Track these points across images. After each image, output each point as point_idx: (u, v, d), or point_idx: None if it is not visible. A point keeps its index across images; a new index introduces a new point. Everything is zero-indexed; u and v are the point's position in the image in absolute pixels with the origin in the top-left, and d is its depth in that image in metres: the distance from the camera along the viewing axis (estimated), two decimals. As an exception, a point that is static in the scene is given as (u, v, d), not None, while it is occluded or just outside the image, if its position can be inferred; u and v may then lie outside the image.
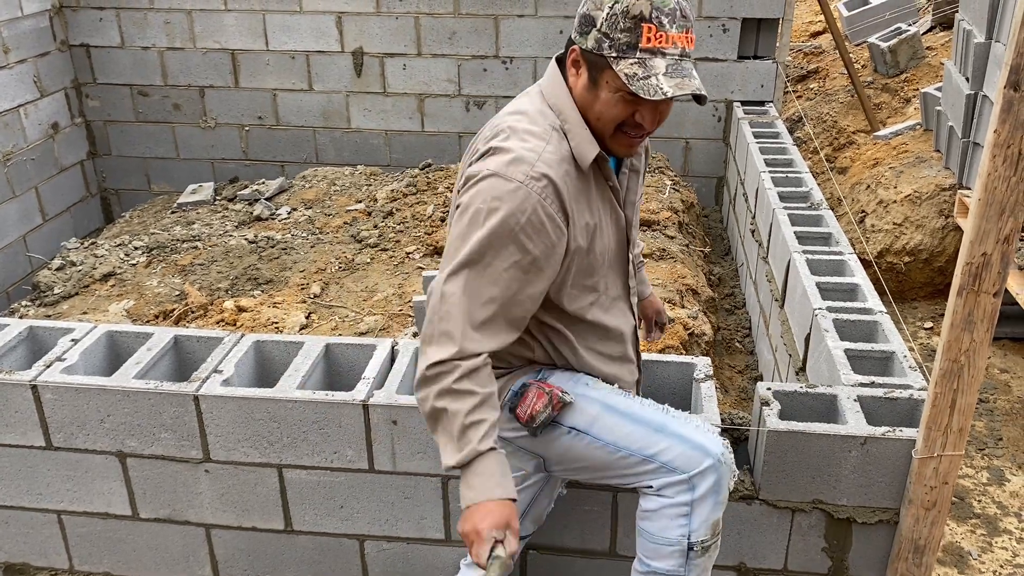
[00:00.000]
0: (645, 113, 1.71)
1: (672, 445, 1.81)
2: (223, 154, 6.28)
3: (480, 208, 1.67)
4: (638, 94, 1.63)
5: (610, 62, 1.66)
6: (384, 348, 2.57)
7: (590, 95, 1.73)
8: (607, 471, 1.90)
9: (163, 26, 5.95)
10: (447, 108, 5.96)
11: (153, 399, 2.41)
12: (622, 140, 1.76)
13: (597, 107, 1.72)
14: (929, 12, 7.13)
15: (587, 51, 1.70)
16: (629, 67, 1.65)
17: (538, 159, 1.69)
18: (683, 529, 1.84)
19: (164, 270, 4.61)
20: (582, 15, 1.71)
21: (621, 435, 1.84)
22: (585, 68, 1.72)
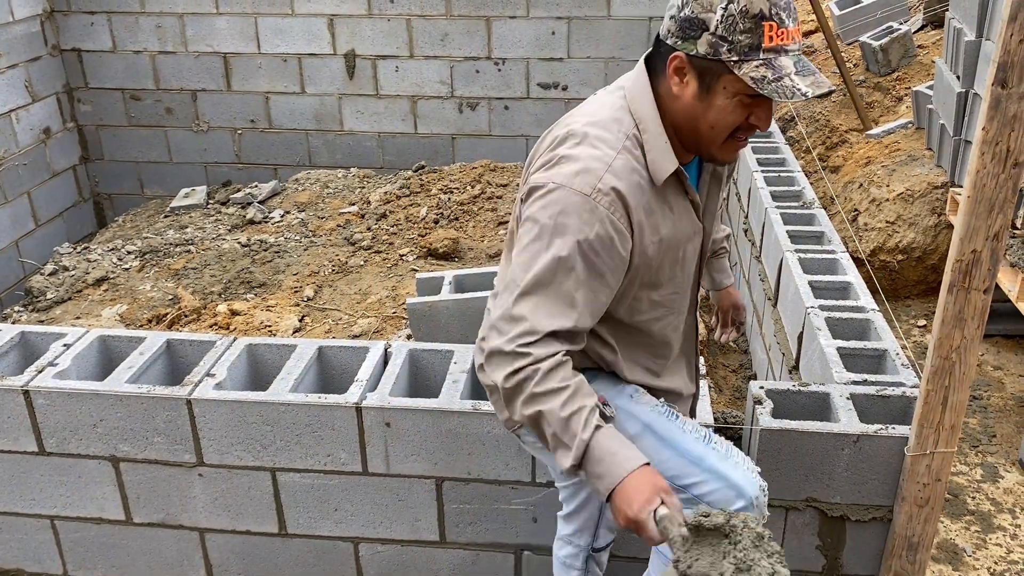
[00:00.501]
0: (761, 114, 1.63)
1: (708, 480, 1.74)
2: (216, 157, 6.27)
3: (546, 225, 1.60)
4: (773, 97, 1.54)
5: (730, 67, 1.55)
6: (377, 350, 2.56)
7: (702, 104, 1.62)
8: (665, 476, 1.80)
9: (155, 30, 5.94)
10: (440, 110, 5.96)
11: (146, 403, 2.40)
12: (733, 145, 1.68)
13: (712, 116, 1.62)
14: (920, 11, 7.15)
15: (698, 57, 1.58)
16: (755, 70, 1.54)
17: (607, 170, 1.60)
18: None
19: (157, 274, 4.60)
20: (686, 18, 1.58)
21: (656, 460, 1.72)
22: (694, 75, 1.60)
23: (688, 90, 1.62)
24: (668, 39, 1.63)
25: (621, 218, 1.61)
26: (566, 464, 1.57)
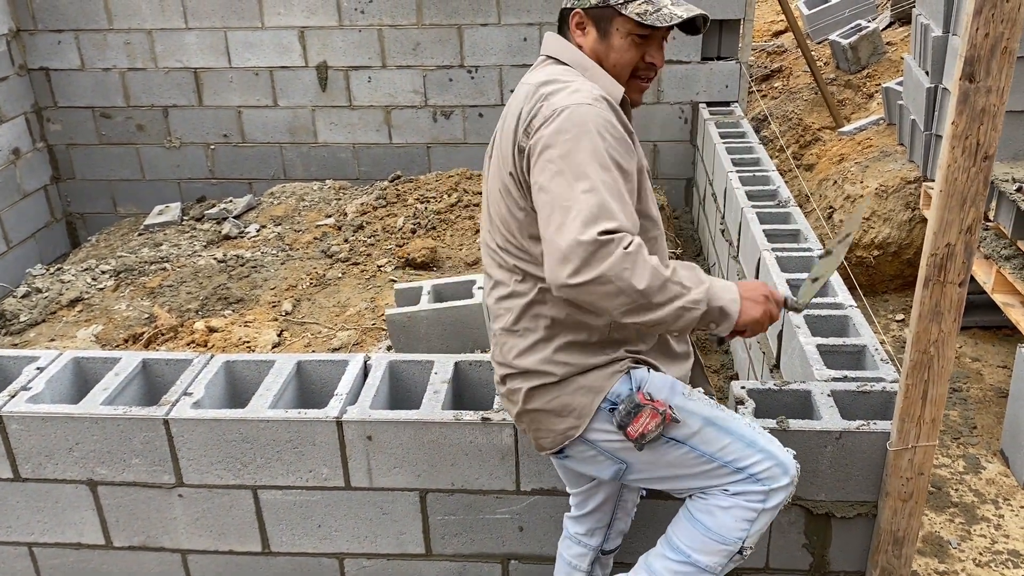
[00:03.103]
0: (654, 52, 1.86)
1: (763, 459, 1.87)
2: (189, 173, 6.22)
3: (570, 138, 1.70)
4: (655, 24, 1.77)
5: (618, 9, 1.80)
6: (356, 363, 2.54)
7: (602, 47, 1.85)
8: (694, 479, 1.91)
9: (123, 47, 5.89)
10: (414, 119, 5.95)
11: (122, 425, 2.37)
12: (635, 85, 1.89)
13: (612, 56, 1.84)
14: (887, 8, 7.23)
15: (591, 7, 1.83)
16: (638, 7, 1.79)
17: (591, 88, 1.78)
18: (743, 532, 1.87)
19: (132, 293, 4.55)
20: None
21: (719, 448, 1.87)
22: (592, 24, 1.85)
23: (590, 38, 1.86)
24: (566, 3, 1.89)
25: (620, 123, 1.76)
26: (696, 296, 1.67)
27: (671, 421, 1.83)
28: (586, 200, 1.63)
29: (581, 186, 1.65)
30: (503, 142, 1.88)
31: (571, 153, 1.68)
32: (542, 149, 1.72)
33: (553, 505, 2.37)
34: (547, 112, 1.75)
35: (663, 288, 1.65)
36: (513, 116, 1.85)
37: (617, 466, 1.93)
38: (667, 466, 1.90)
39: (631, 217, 1.68)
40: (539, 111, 1.77)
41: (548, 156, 1.71)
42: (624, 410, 1.84)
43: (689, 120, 5.71)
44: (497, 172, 1.90)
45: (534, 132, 1.76)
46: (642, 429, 1.82)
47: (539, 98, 1.80)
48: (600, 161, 1.68)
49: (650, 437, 1.83)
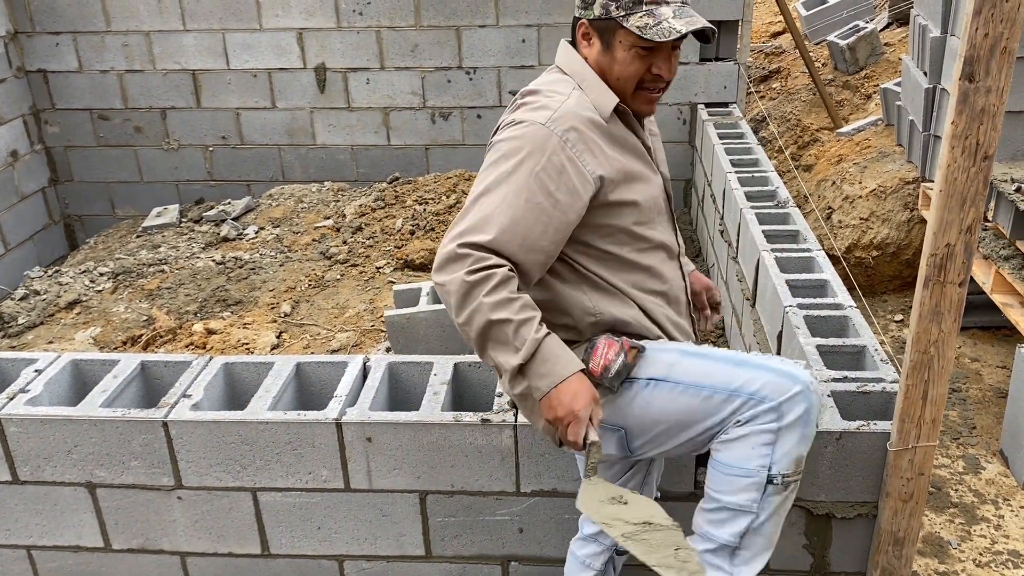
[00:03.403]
0: (661, 63, 1.85)
1: (758, 375, 1.78)
2: (187, 175, 6.21)
3: (507, 151, 1.77)
4: (654, 39, 1.77)
5: (620, 21, 1.80)
6: (356, 365, 2.54)
7: (606, 59, 1.86)
8: (693, 424, 1.83)
9: (121, 49, 5.88)
10: (413, 121, 5.95)
11: (121, 427, 2.36)
12: (643, 96, 1.89)
13: (616, 69, 1.85)
14: (885, 8, 7.23)
15: (595, 19, 1.84)
16: (640, 20, 1.79)
17: (560, 106, 1.80)
18: (764, 459, 1.78)
19: (131, 295, 4.54)
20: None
21: (702, 374, 1.81)
22: (596, 36, 1.86)
23: (594, 49, 1.88)
24: (575, 13, 1.91)
25: (575, 147, 1.78)
26: (511, 362, 1.68)
27: (632, 348, 1.82)
28: (475, 211, 1.73)
29: (483, 197, 1.74)
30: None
31: (497, 164, 1.76)
32: (487, 152, 1.84)
33: (553, 506, 2.37)
34: (508, 120, 1.84)
35: (485, 331, 1.69)
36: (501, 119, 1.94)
37: (616, 434, 1.89)
38: (661, 414, 1.84)
39: (523, 245, 1.73)
40: (508, 119, 1.85)
41: (486, 160, 1.82)
42: (585, 351, 1.85)
43: (688, 121, 5.71)
44: None
45: (493, 135, 1.87)
46: (603, 361, 1.81)
47: (514, 106, 1.88)
48: (519, 181, 1.73)
49: (615, 368, 1.80)
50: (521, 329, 1.69)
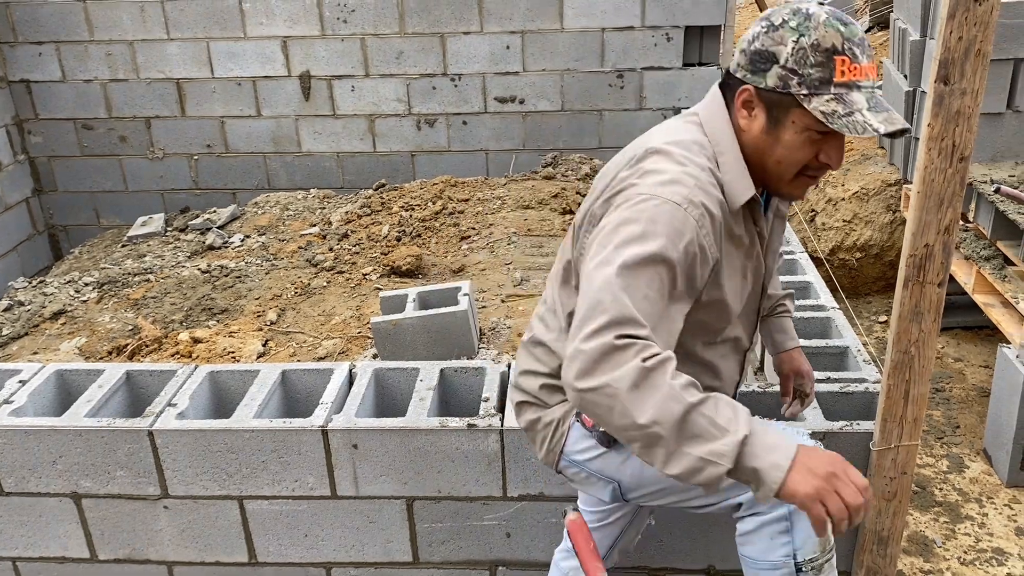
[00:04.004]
0: (832, 152, 1.59)
1: None
2: (173, 184, 6.20)
3: (639, 232, 1.49)
4: (843, 132, 1.50)
5: (800, 100, 1.53)
6: (341, 372, 2.54)
7: (770, 137, 1.59)
8: (687, 491, 1.74)
9: (105, 58, 5.87)
10: (398, 127, 5.95)
11: (106, 437, 2.36)
12: (802, 182, 1.64)
13: (779, 151, 1.59)
14: (866, 12, 7.29)
15: (767, 89, 1.57)
16: (826, 104, 1.52)
17: (695, 184, 1.55)
18: (787, 547, 1.67)
19: (116, 305, 4.52)
20: (756, 51, 1.57)
21: None
22: (762, 109, 1.59)
23: (756, 123, 1.60)
24: (737, 72, 1.61)
25: (707, 235, 1.55)
26: (731, 442, 1.34)
27: None
28: (618, 301, 1.43)
29: (620, 284, 1.44)
30: (593, 188, 1.74)
31: (628, 244, 1.48)
32: (608, 230, 1.53)
33: (540, 511, 2.37)
34: (632, 193, 1.55)
35: (684, 420, 1.35)
36: (613, 170, 1.68)
37: (610, 485, 1.82)
38: (655, 478, 1.75)
39: (666, 336, 1.49)
40: (630, 186, 1.58)
41: (606, 240, 1.52)
42: None
43: (672, 126, 5.74)
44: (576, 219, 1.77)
45: (613, 207, 1.57)
46: None
47: (639, 171, 1.60)
48: (656, 269, 1.47)
49: None
50: (720, 406, 1.39)
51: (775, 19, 1.57)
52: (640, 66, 5.62)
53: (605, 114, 5.79)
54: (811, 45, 1.52)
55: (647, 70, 5.61)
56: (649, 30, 5.51)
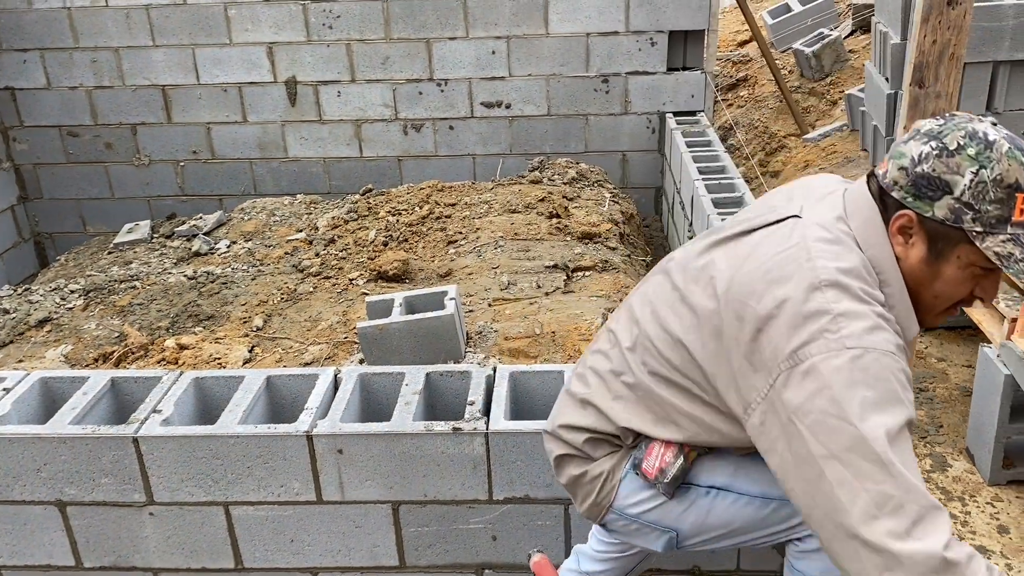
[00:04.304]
0: (989, 287, 1.49)
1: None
2: (159, 191, 6.19)
3: (873, 398, 1.34)
4: (1021, 278, 1.39)
5: (972, 237, 1.41)
6: (327, 377, 2.54)
7: (929, 269, 1.47)
8: (758, 531, 1.68)
9: (90, 65, 5.86)
10: (385, 133, 5.96)
11: (91, 444, 2.35)
12: (947, 313, 1.55)
13: (938, 285, 1.48)
14: (849, 16, 7.35)
15: (933, 219, 1.43)
16: (1001, 245, 1.40)
17: (888, 325, 1.42)
18: None
19: (102, 312, 4.51)
20: (923, 175, 1.43)
21: (769, 482, 1.59)
22: (923, 238, 1.46)
23: (914, 252, 1.47)
24: (894, 191, 1.46)
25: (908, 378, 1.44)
26: None
27: (691, 451, 1.63)
28: (908, 490, 1.29)
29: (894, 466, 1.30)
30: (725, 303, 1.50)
31: (875, 417, 1.33)
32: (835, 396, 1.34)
33: (526, 513, 2.38)
34: (835, 345, 1.35)
35: None
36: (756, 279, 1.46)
37: (666, 535, 1.74)
38: (721, 523, 1.68)
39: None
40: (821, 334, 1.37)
41: (836, 409, 1.34)
42: (639, 449, 1.69)
43: (657, 130, 5.77)
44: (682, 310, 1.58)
45: (806, 357, 1.37)
46: (659, 463, 1.63)
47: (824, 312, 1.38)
48: (907, 433, 1.35)
49: (672, 472, 1.62)
50: None
51: (948, 142, 1.42)
52: (625, 71, 5.65)
53: (591, 118, 5.82)
54: (993, 179, 1.39)
55: (632, 75, 5.65)
56: (633, 35, 5.54)
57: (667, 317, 1.62)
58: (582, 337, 3.47)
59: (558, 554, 2.43)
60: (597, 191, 5.30)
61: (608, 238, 4.65)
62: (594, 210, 4.98)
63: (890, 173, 1.47)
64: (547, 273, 4.19)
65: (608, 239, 4.64)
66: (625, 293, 4.01)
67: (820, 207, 1.56)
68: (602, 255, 4.40)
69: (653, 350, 1.64)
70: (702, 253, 1.62)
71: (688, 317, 1.57)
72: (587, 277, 4.20)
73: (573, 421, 1.78)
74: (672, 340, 1.60)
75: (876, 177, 1.52)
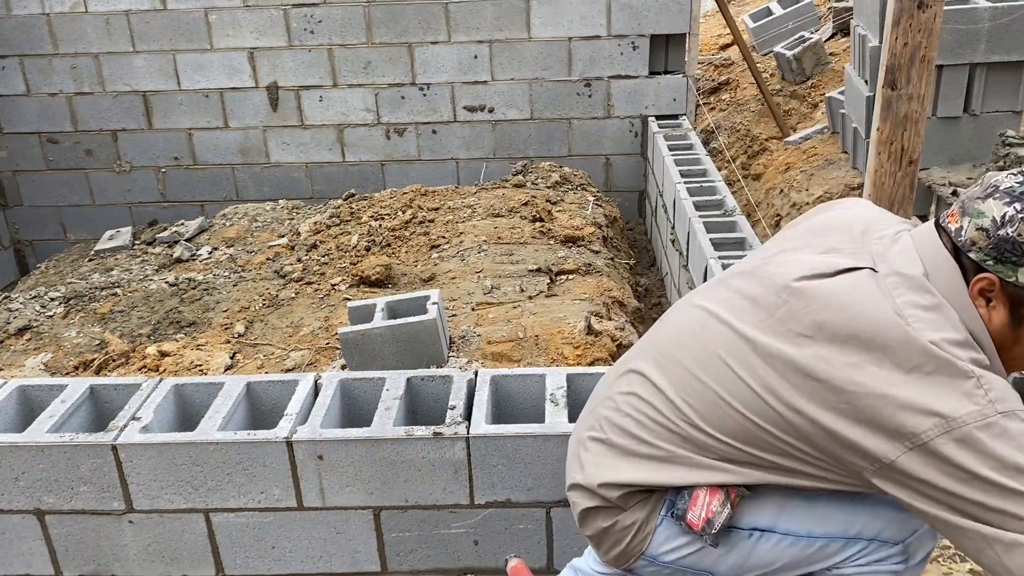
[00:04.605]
0: None
1: (877, 513, 1.55)
2: (140, 197, 6.16)
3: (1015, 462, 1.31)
4: None
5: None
6: (307, 383, 2.54)
7: (1011, 334, 1.43)
8: (799, 568, 1.63)
9: (70, 71, 5.83)
10: (367, 137, 5.96)
11: (69, 452, 2.33)
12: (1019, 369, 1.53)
13: (1019, 349, 1.45)
14: (830, 19, 7.40)
15: (1017, 286, 1.38)
16: None
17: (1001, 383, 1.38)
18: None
19: (83, 320, 4.48)
20: (1007, 239, 1.37)
21: (814, 520, 1.56)
22: (1004, 302, 1.41)
23: (996, 316, 1.42)
24: (973, 252, 1.40)
25: None
26: None
27: (737, 497, 1.54)
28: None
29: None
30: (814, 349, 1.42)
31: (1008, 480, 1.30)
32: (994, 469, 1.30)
33: (507, 517, 2.38)
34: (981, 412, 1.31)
35: None
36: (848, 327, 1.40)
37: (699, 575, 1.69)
38: (762, 564, 1.62)
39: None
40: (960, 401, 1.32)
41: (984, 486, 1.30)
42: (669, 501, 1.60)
43: (639, 134, 5.79)
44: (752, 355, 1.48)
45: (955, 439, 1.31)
46: (705, 513, 1.54)
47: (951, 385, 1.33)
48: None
49: (719, 522, 1.54)
50: None
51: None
52: (607, 75, 5.67)
53: (574, 122, 5.84)
54: None
55: (614, 79, 5.66)
56: (615, 39, 5.56)
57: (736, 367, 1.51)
58: (565, 340, 3.47)
59: (540, 558, 2.43)
60: (580, 194, 5.31)
61: (591, 241, 4.66)
62: (577, 214, 4.99)
63: (967, 232, 1.41)
64: (530, 277, 4.19)
65: (591, 242, 4.65)
66: (609, 296, 4.02)
67: (897, 260, 1.48)
68: (585, 258, 4.41)
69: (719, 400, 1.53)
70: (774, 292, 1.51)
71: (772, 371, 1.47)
72: (570, 280, 4.20)
73: (617, 478, 1.64)
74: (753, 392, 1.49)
75: (946, 231, 1.46)
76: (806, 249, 1.56)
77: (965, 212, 1.42)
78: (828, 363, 1.39)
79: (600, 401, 1.76)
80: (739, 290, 1.57)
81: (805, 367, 1.41)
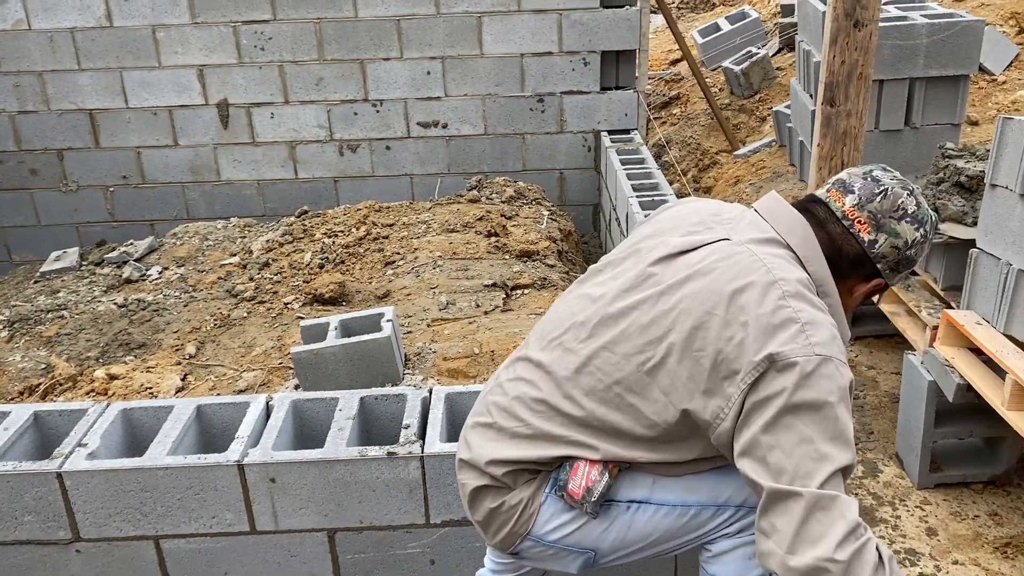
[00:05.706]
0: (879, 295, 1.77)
1: (743, 483, 1.61)
2: (88, 217, 6.04)
3: (830, 401, 1.46)
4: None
5: (884, 276, 1.70)
6: (258, 405, 2.50)
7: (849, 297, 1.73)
8: (676, 539, 1.71)
9: (13, 89, 5.71)
10: (320, 154, 5.92)
11: (12, 481, 2.27)
12: None
13: (850, 303, 1.73)
14: (776, 35, 7.56)
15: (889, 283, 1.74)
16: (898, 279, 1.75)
17: (839, 334, 1.56)
18: (760, 570, 1.67)
19: (28, 343, 4.38)
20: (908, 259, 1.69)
21: (687, 488, 1.66)
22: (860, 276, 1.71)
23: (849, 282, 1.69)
24: (879, 261, 1.66)
25: None
26: None
27: (615, 467, 1.63)
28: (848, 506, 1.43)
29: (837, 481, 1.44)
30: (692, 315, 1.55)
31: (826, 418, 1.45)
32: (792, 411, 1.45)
33: (464, 536, 2.37)
34: (805, 356, 1.46)
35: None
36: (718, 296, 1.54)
37: (583, 556, 1.74)
38: (641, 537, 1.70)
39: None
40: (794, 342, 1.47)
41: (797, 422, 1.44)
42: (553, 478, 1.67)
43: (593, 148, 5.84)
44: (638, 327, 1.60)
45: (779, 371, 1.46)
46: (585, 482, 1.62)
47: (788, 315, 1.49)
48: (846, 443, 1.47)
49: (599, 490, 1.62)
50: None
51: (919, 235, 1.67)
52: (560, 90, 5.72)
53: (527, 137, 5.87)
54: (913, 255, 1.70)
55: (566, 94, 5.71)
56: (567, 55, 5.62)
57: (612, 339, 1.63)
58: (520, 356, 3.47)
59: (497, 575, 2.42)
60: (535, 209, 5.33)
61: (546, 255, 4.68)
62: (532, 228, 5.01)
63: (881, 246, 1.65)
64: (486, 292, 4.19)
65: (546, 256, 4.68)
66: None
67: (747, 230, 1.66)
68: (540, 272, 4.43)
69: (598, 374, 1.63)
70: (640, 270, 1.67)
71: (638, 336, 1.60)
72: (526, 295, 4.22)
73: (504, 455, 1.71)
74: (621, 360, 1.61)
75: (823, 203, 1.68)
76: (669, 233, 1.72)
77: (880, 228, 1.64)
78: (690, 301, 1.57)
79: (489, 390, 1.85)
80: (613, 275, 1.72)
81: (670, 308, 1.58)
